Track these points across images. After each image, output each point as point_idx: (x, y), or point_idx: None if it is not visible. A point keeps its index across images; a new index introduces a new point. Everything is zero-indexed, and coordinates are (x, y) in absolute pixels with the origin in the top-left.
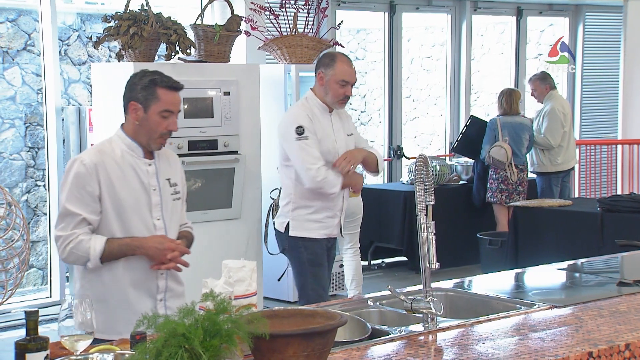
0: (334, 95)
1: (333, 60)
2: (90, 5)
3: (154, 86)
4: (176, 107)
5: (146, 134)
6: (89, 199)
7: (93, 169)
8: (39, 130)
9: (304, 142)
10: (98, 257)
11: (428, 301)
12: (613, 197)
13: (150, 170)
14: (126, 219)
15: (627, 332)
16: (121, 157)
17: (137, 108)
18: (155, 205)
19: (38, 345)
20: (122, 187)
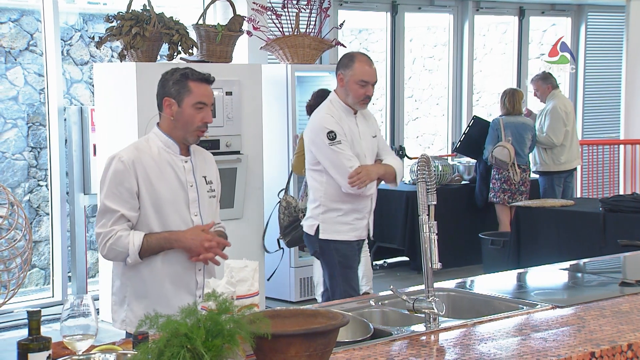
0: (355, 96)
1: (352, 60)
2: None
3: (185, 80)
4: (209, 99)
5: (182, 127)
6: (127, 195)
7: (131, 165)
8: (42, 130)
9: (338, 146)
10: (137, 252)
11: (430, 301)
12: (615, 197)
13: (187, 167)
14: (164, 215)
15: (629, 333)
16: (158, 154)
17: (171, 103)
18: (192, 201)
19: (40, 345)
20: (160, 183)
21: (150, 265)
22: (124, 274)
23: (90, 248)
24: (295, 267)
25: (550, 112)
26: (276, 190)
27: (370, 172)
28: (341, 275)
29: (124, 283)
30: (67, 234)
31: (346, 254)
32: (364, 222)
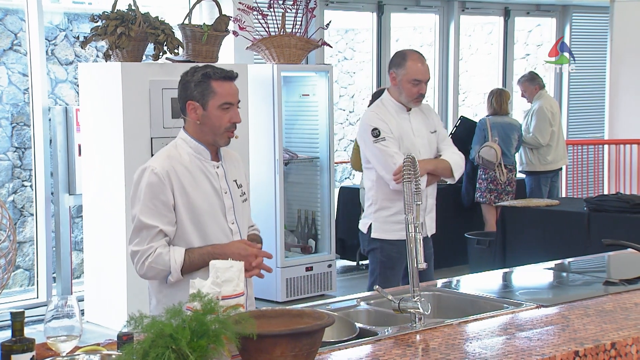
0: (408, 95)
1: (404, 59)
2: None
3: (207, 80)
4: (235, 98)
5: (210, 131)
6: (163, 209)
7: (166, 176)
8: (26, 130)
9: (382, 143)
10: (179, 269)
11: (416, 301)
12: (600, 197)
13: (220, 173)
14: (203, 225)
15: (613, 331)
16: (190, 162)
17: (195, 107)
18: (228, 208)
19: (24, 347)
20: (196, 192)
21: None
22: (161, 291)
23: (75, 249)
24: (281, 267)
25: (537, 113)
26: (262, 191)
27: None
28: (381, 274)
29: (160, 301)
30: (52, 234)
31: (390, 255)
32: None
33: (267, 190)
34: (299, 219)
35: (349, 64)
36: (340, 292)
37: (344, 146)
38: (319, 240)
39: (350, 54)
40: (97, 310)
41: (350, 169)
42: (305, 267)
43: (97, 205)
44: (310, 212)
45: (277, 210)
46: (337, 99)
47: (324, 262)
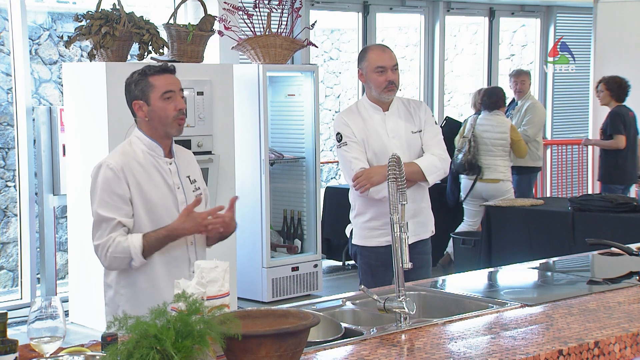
0: (376, 86)
1: (365, 52)
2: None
3: (145, 77)
4: (175, 86)
5: (159, 123)
6: (120, 202)
7: (120, 171)
8: (9, 130)
9: (343, 148)
10: (140, 253)
11: (401, 301)
12: (584, 197)
13: (172, 169)
14: (158, 218)
15: (596, 330)
16: (143, 158)
17: (140, 105)
18: (181, 203)
19: (7, 348)
20: (150, 187)
21: (146, 271)
22: (118, 282)
23: (60, 249)
24: (267, 267)
25: (535, 108)
26: (248, 191)
27: (372, 175)
28: (363, 281)
29: (117, 292)
30: (36, 235)
31: (369, 262)
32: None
33: (252, 190)
34: (285, 219)
35: (335, 64)
36: (326, 292)
37: (330, 146)
38: (305, 241)
39: (336, 54)
40: (81, 311)
41: (336, 169)
42: (291, 267)
43: (81, 205)
44: (296, 212)
45: (262, 210)
46: (323, 99)
47: (310, 262)
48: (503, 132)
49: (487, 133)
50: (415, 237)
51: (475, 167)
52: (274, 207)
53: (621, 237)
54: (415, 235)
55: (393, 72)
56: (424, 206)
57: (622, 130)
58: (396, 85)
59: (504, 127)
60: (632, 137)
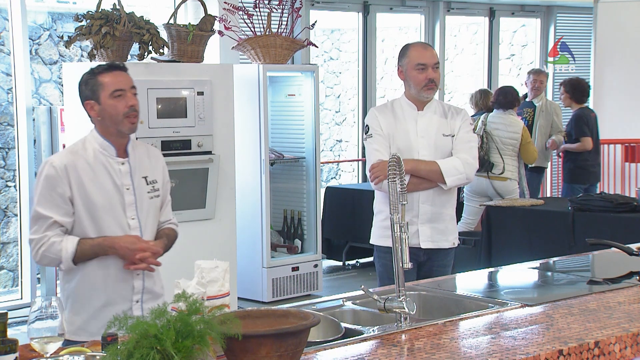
0: (416, 84)
1: (406, 49)
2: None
3: (94, 77)
4: (125, 84)
5: (111, 122)
6: (60, 200)
7: (63, 170)
8: (10, 130)
9: (368, 140)
10: (70, 259)
11: (401, 301)
12: (584, 197)
13: (124, 170)
14: (99, 219)
15: (596, 330)
16: (94, 157)
17: (91, 105)
18: (129, 204)
19: (7, 348)
20: (94, 187)
21: (87, 272)
22: (63, 278)
23: None
24: (267, 267)
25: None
26: (248, 191)
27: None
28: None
29: (63, 287)
30: None
31: (385, 262)
32: (413, 229)
33: (253, 190)
34: (285, 219)
35: (335, 64)
36: (326, 292)
37: (330, 146)
38: (305, 240)
39: (336, 54)
40: None
41: (336, 169)
42: (291, 267)
43: None
44: (296, 212)
45: (263, 210)
46: (323, 99)
47: (310, 262)
48: (515, 132)
49: (497, 131)
50: (431, 244)
51: (485, 163)
52: (274, 207)
53: (621, 237)
54: (432, 242)
55: (434, 71)
56: (446, 213)
57: (587, 132)
58: (436, 84)
59: (516, 128)
60: (594, 137)
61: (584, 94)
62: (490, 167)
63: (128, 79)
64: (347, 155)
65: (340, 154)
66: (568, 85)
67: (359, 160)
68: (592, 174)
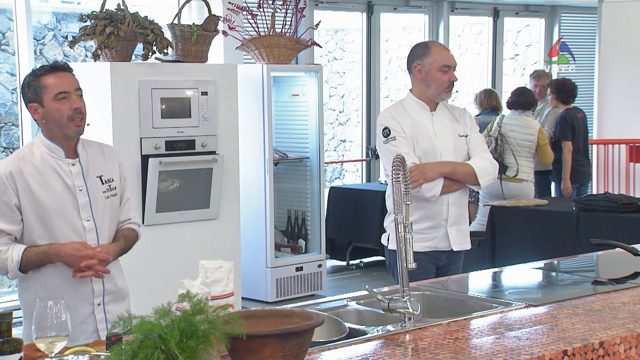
0: (439, 85)
1: (427, 48)
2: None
3: (36, 78)
4: (69, 86)
5: (55, 124)
6: (5, 209)
7: (8, 177)
8: (14, 130)
9: (392, 143)
10: (16, 268)
11: (405, 301)
12: (588, 197)
13: (74, 170)
14: (50, 224)
15: (601, 330)
16: (41, 161)
17: (35, 107)
18: (83, 206)
19: (12, 348)
20: (43, 192)
21: (41, 276)
22: (20, 284)
23: None
24: (271, 267)
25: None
26: (252, 191)
27: (426, 170)
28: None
29: (20, 294)
30: None
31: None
32: (441, 232)
33: (257, 190)
34: (289, 219)
35: (339, 64)
36: (330, 292)
37: (334, 146)
38: (309, 240)
39: (340, 54)
40: None
41: (340, 169)
42: (295, 267)
43: None
44: (300, 212)
45: (267, 210)
46: (327, 99)
47: (314, 262)
48: (531, 134)
49: (513, 133)
50: (459, 246)
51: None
52: (278, 207)
53: (626, 237)
54: (459, 244)
55: (454, 73)
56: (465, 215)
57: (569, 135)
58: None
59: (532, 130)
60: (582, 137)
61: (570, 94)
62: (504, 169)
63: (73, 80)
64: (351, 156)
65: (344, 154)
66: (553, 86)
67: (362, 160)
68: (582, 173)
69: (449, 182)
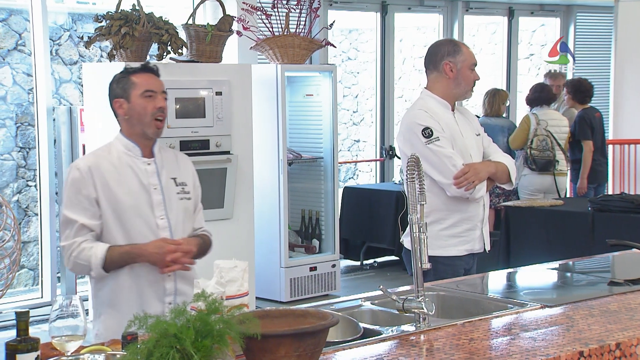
0: (468, 83)
1: (457, 45)
2: (82, 4)
3: (127, 75)
4: (157, 87)
5: (138, 121)
6: (86, 203)
7: (87, 172)
8: (30, 130)
9: (436, 144)
10: (100, 266)
11: (420, 301)
12: (604, 197)
13: (150, 169)
14: (126, 220)
15: (617, 332)
16: (118, 159)
17: (120, 102)
18: (157, 204)
19: (29, 346)
20: (120, 188)
21: (118, 276)
22: (95, 286)
23: None
24: (285, 267)
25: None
26: (266, 191)
27: (479, 171)
28: None
29: (95, 295)
30: (56, 234)
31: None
32: (477, 233)
33: (271, 190)
34: (303, 219)
35: (353, 64)
36: (344, 292)
37: (348, 146)
38: (323, 240)
39: (354, 54)
40: None
41: (354, 169)
42: (309, 267)
43: None
44: (314, 212)
45: (281, 210)
46: (341, 99)
47: (328, 262)
48: (565, 125)
49: (553, 128)
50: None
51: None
52: (292, 207)
53: None
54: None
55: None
56: (488, 213)
57: (589, 135)
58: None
59: (564, 122)
60: (600, 137)
61: (586, 94)
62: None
63: (160, 82)
64: (365, 156)
65: (358, 154)
66: (570, 86)
67: (376, 160)
68: (600, 173)
69: (487, 181)
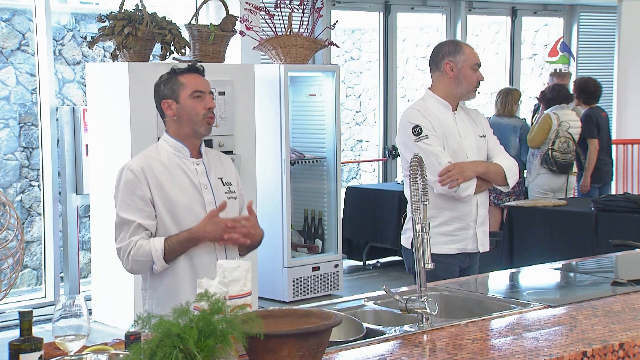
0: (469, 83)
1: (459, 45)
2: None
3: (175, 76)
4: (205, 87)
5: (188, 121)
6: (141, 203)
7: (141, 172)
8: (33, 130)
9: (424, 141)
10: (161, 257)
11: (423, 301)
12: (607, 197)
13: (199, 169)
14: (181, 219)
15: (621, 332)
16: (168, 159)
17: (169, 103)
18: (209, 203)
19: (32, 346)
20: (172, 188)
21: (173, 273)
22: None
23: (83, 248)
24: (288, 267)
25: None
26: (269, 190)
27: (465, 169)
28: None
29: (151, 296)
30: (60, 234)
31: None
32: (470, 233)
33: (273, 190)
34: (306, 219)
35: (356, 63)
36: (347, 292)
37: (351, 146)
38: (326, 240)
39: (357, 53)
40: (104, 309)
41: (357, 169)
42: (312, 267)
43: (104, 205)
44: (317, 212)
45: (283, 210)
46: (344, 99)
47: (331, 262)
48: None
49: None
50: (483, 248)
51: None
52: (295, 207)
53: None
54: (483, 246)
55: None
56: (487, 215)
57: (595, 133)
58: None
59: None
60: (605, 137)
61: (591, 95)
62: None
63: (207, 82)
64: (368, 155)
65: (360, 154)
66: (576, 86)
67: (379, 160)
68: (605, 173)
69: (480, 182)
